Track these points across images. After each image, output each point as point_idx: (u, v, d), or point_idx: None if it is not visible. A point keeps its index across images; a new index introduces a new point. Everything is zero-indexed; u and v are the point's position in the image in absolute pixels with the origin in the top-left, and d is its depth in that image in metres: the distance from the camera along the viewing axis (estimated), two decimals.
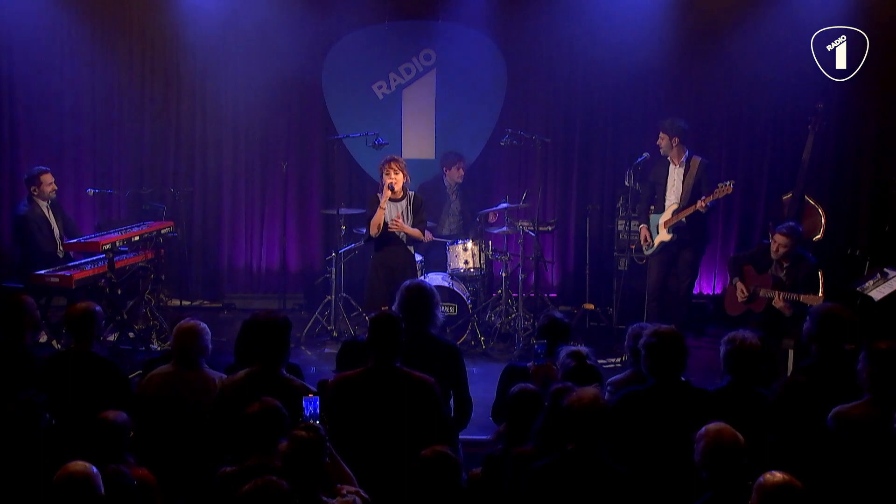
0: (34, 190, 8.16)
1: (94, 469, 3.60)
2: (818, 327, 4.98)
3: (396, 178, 7.49)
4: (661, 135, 8.06)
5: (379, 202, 7.50)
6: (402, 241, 7.63)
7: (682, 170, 8.04)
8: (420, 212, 7.69)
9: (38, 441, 4.21)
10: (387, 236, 7.57)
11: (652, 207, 8.27)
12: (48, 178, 8.21)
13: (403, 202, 7.64)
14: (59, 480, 3.56)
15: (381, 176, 7.56)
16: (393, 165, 7.52)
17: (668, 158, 8.10)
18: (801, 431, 4.17)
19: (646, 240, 8.28)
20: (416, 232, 7.61)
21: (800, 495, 3.39)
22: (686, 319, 8.23)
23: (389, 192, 7.47)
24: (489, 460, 4.40)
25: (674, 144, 8.02)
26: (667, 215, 8.09)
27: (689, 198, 7.96)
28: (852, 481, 4.11)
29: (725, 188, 7.73)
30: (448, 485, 3.83)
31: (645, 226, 8.31)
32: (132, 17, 9.42)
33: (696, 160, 8.02)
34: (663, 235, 8.13)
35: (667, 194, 8.13)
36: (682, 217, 7.96)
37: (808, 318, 5.09)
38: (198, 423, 4.53)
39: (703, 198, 7.84)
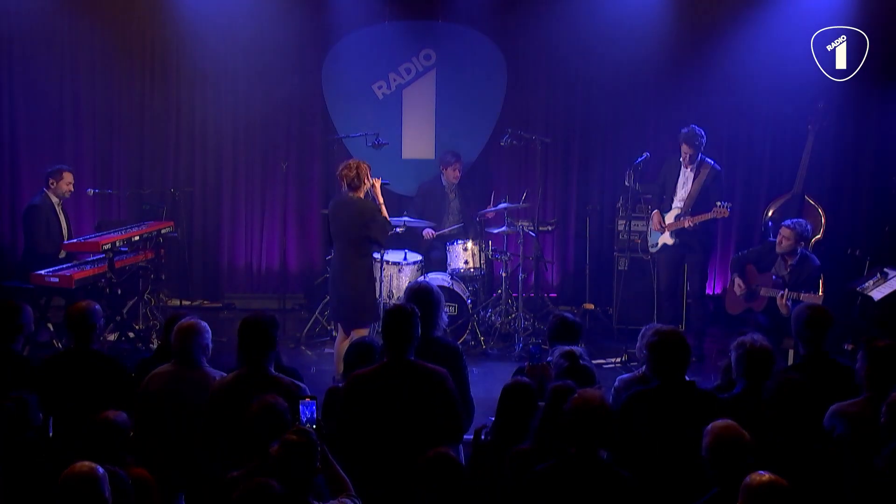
0: (52, 183, 8.24)
1: (101, 470, 3.52)
2: (797, 327, 5.08)
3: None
4: (686, 147, 7.94)
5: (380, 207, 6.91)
6: None
7: (692, 173, 8.02)
8: None
9: (30, 440, 4.20)
10: None
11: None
12: (69, 177, 8.35)
13: None
14: (64, 480, 3.48)
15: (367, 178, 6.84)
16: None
17: (680, 160, 8.07)
18: (794, 429, 4.16)
19: (659, 224, 8.13)
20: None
21: (786, 494, 3.40)
22: (703, 318, 8.26)
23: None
24: (478, 449, 4.40)
25: (699, 155, 7.98)
26: (670, 217, 8.08)
27: (693, 202, 7.94)
28: (843, 478, 4.12)
29: (721, 210, 7.71)
30: (450, 487, 3.81)
31: (658, 211, 8.19)
32: (133, 16, 9.41)
33: (708, 166, 7.97)
34: (666, 238, 8.12)
35: (675, 195, 8.10)
36: (683, 224, 7.95)
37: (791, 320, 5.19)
38: (199, 422, 4.52)
39: (693, 216, 7.84)
